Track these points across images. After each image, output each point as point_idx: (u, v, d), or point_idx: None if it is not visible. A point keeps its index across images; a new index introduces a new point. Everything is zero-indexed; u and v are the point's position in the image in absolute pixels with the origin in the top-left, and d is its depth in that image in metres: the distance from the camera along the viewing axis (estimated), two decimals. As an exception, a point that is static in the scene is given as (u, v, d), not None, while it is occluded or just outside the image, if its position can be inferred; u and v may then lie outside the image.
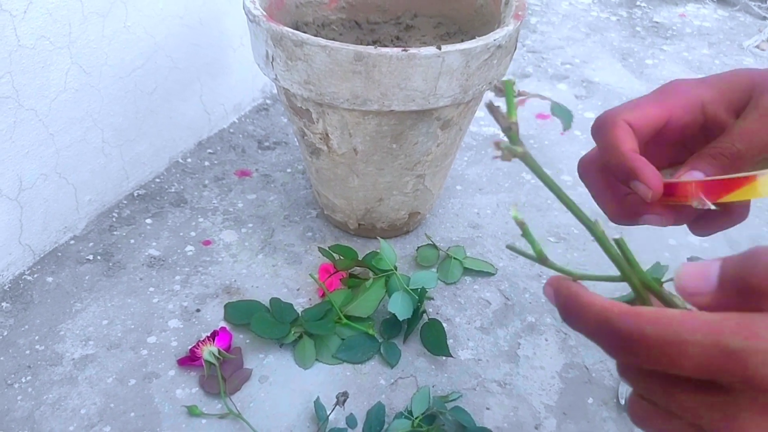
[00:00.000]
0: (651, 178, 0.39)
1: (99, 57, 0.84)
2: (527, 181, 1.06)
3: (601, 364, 0.76)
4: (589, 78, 1.41)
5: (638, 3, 1.84)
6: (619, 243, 0.33)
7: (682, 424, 0.28)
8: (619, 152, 0.40)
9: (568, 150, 1.15)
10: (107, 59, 0.85)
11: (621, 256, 0.33)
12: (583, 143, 1.17)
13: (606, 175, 0.44)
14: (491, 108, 0.33)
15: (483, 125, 1.21)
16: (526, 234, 0.34)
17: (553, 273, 0.34)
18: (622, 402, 0.71)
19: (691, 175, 0.40)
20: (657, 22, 1.72)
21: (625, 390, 0.72)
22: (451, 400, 0.70)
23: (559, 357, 0.77)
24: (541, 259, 0.34)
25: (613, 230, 0.91)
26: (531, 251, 0.34)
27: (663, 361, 0.26)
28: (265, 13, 0.74)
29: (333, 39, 0.90)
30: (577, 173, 0.46)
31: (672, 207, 0.41)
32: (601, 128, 0.42)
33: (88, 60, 0.82)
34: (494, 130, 1.20)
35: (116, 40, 0.86)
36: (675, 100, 0.43)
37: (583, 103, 1.31)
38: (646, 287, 0.33)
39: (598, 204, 0.46)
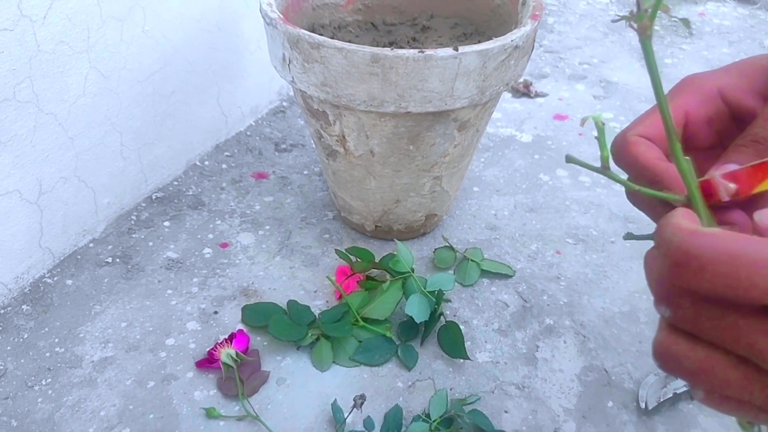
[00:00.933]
0: (674, 180, 0.35)
1: (117, 61, 0.84)
2: (545, 183, 1.05)
3: (621, 367, 0.75)
4: (607, 78, 1.40)
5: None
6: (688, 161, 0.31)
7: (727, 360, 0.25)
8: (642, 167, 0.36)
9: (586, 151, 1.14)
10: (126, 63, 0.86)
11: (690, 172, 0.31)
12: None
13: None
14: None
15: (500, 126, 1.21)
16: (600, 135, 0.32)
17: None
18: (643, 405, 0.70)
19: (725, 169, 0.35)
20: (676, 21, 1.71)
21: (645, 393, 0.71)
22: (469, 403, 0.70)
23: (578, 359, 0.76)
24: (604, 165, 0.32)
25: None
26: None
27: (731, 283, 0.24)
28: (281, 16, 0.74)
29: (349, 41, 0.90)
30: (595, 174, 0.45)
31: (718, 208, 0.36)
32: (618, 152, 0.39)
33: (106, 64, 0.83)
34: (511, 131, 1.19)
35: (134, 44, 0.86)
36: (687, 95, 0.40)
37: (602, 104, 1.30)
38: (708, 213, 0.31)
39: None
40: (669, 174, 0.35)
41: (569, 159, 0.34)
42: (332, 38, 0.70)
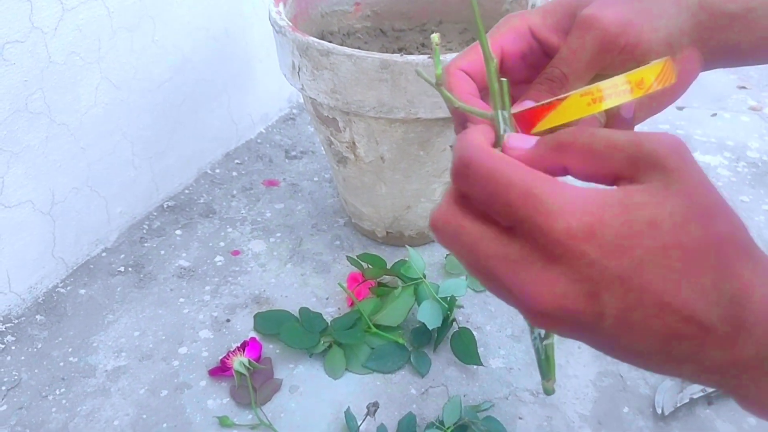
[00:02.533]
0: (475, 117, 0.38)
1: (128, 71, 0.85)
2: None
3: (636, 372, 0.75)
4: (617, 80, 1.40)
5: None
6: (503, 84, 0.35)
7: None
8: (456, 98, 0.39)
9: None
10: (136, 73, 0.86)
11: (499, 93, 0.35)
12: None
13: None
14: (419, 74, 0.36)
15: (510, 130, 1.20)
16: (435, 55, 0.35)
17: None
18: (659, 411, 0.69)
19: (521, 106, 0.39)
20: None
21: (661, 398, 0.70)
22: (483, 410, 0.69)
23: (593, 365, 0.76)
24: (438, 83, 0.36)
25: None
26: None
27: (490, 198, 0.29)
28: (290, 24, 0.74)
29: (358, 47, 0.90)
30: None
31: None
32: (444, 81, 0.41)
33: (117, 74, 0.83)
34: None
35: (145, 54, 0.87)
36: (504, 34, 0.42)
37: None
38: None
39: None
40: (473, 106, 0.39)
41: (418, 73, 0.38)
42: (341, 45, 0.70)
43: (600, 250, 0.27)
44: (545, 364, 0.40)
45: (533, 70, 0.42)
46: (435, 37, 0.35)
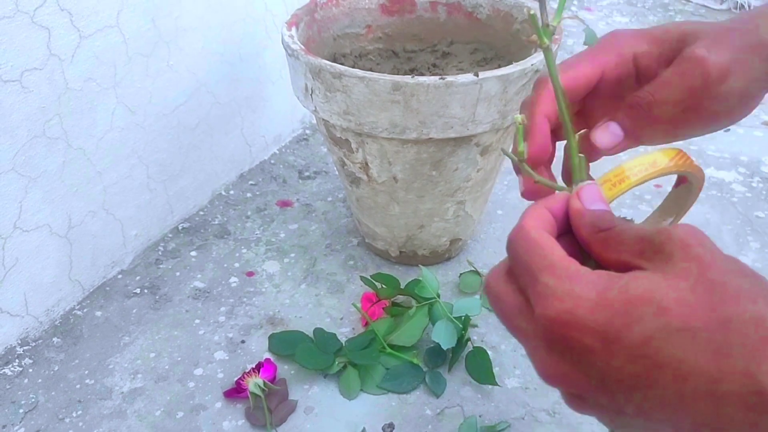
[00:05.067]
0: (534, 142, 0.40)
1: (143, 96, 0.86)
2: (570, 204, 1.04)
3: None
4: (629, 97, 1.40)
5: (677, 20, 1.82)
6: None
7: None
8: (532, 114, 0.41)
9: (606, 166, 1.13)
10: (151, 98, 0.87)
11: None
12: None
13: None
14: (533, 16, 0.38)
15: (522, 148, 1.20)
16: (519, 132, 0.38)
17: None
18: None
19: (606, 127, 0.42)
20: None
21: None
22: (499, 431, 0.69)
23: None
24: (520, 159, 0.38)
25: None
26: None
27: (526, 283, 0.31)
28: (303, 47, 0.75)
29: (370, 69, 0.91)
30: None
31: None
32: (535, 87, 0.43)
33: (133, 99, 0.85)
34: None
35: (160, 78, 0.88)
36: (608, 55, 0.43)
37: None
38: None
39: None
40: (533, 128, 0.41)
41: (503, 151, 0.40)
42: (353, 67, 0.71)
43: (596, 337, 0.28)
44: None
45: (621, 92, 0.44)
46: (519, 117, 0.37)
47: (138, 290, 0.89)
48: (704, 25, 0.42)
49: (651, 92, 0.41)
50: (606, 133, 0.42)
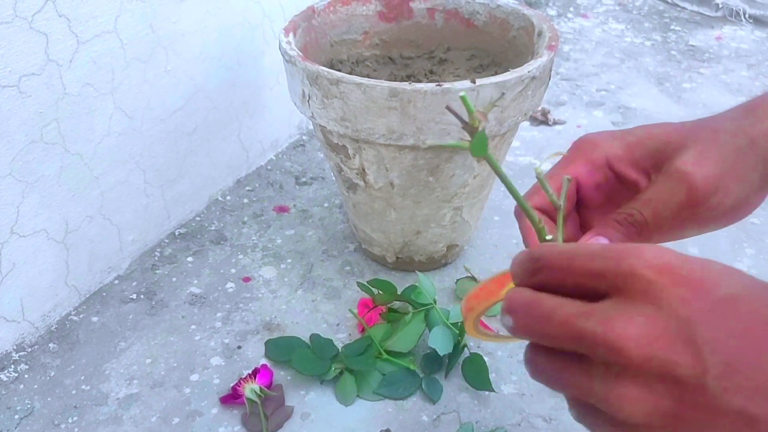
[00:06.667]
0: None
1: (141, 101, 0.86)
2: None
3: (650, 397, 0.74)
4: (625, 104, 1.40)
5: (672, 27, 1.83)
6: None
7: (569, 361, 0.31)
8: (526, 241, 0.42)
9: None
10: (149, 102, 0.88)
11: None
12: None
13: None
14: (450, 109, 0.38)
15: (519, 155, 1.21)
16: (542, 183, 0.39)
17: None
18: None
19: (596, 240, 0.40)
20: (693, 46, 1.71)
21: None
22: (496, 437, 0.69)
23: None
24: (556, 206, 0.39)
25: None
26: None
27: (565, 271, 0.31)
28: (300, 53, 0.75)
29: (367, 75, 0.92)
30: None
31: None
32: (517, 216, 0.44)
33: (130, 104, 0.85)
34: (530, 159, 1.20)
35: (157, 83, 0.88)
36: (579, 164, 0.43)
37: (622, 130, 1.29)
38: None
39: None
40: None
41: (541, 183, 0.40)
42: (351, 73, 0.71)
43: (688, 289, 0.27)
44: None
45: (606, 197, 0.43)
46: (539, 169, 0.38)
47: (134, 296, 0.89)
48: (690, 129, 0.40)
49: (639, 210, 0.39)
50: None
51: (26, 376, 0.77)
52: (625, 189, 0.43)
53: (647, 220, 0.39)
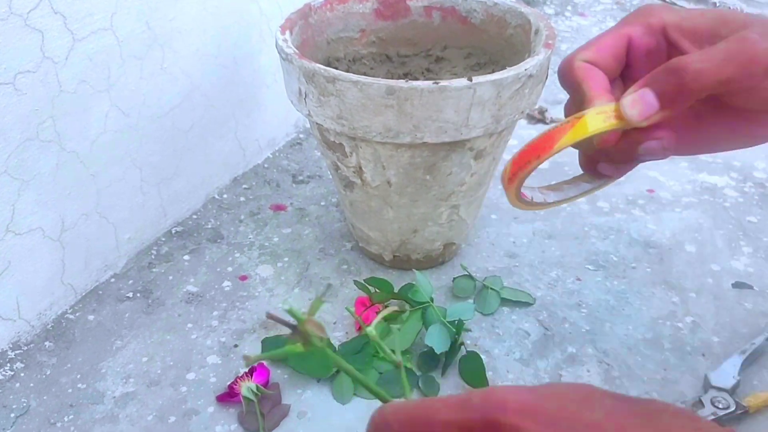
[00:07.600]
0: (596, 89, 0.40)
1: (137, 98, 0.86)
2: (563, 209, 1.05)
3: (647, 395, 0.74)
4: (622, 102, 1.40)
5: (670, 25, 1.82)
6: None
7: None
8: (581, 89, 0.40)
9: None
10: (145, 100, 0.87)
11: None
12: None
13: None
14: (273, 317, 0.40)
15: (516, 153, 1.21)
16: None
17: None
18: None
19: (641, 95, 0.38)
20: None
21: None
22: (493, 435, 0.69)
23: (603, 388, 0.75)
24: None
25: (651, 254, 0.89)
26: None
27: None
28: (297, 51, 0.75)
29: (364, 73, 0.91)
30: (614, 199, 0.48)
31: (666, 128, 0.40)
32: (563, 76, 0.42)
33: (126, 102, 0.84)
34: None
35: (154, 81, 0.88)
36: (635, 24, 0.41)
37: (618, 128, 1.29)
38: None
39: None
40: (591, 87, 0.41)
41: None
42: (347, 71, 0.71)
43: (553, 427, 0.32)
44: None
45: (652, 67, 0.40)
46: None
47: (131, 294, 0.88)
48: (748, 16, 0.39)
49: (696, 59, 0.37)
50: (639, 102, 0.38)
51: (22, 374, 0.77)
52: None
53: (700, 70, 0.36)
